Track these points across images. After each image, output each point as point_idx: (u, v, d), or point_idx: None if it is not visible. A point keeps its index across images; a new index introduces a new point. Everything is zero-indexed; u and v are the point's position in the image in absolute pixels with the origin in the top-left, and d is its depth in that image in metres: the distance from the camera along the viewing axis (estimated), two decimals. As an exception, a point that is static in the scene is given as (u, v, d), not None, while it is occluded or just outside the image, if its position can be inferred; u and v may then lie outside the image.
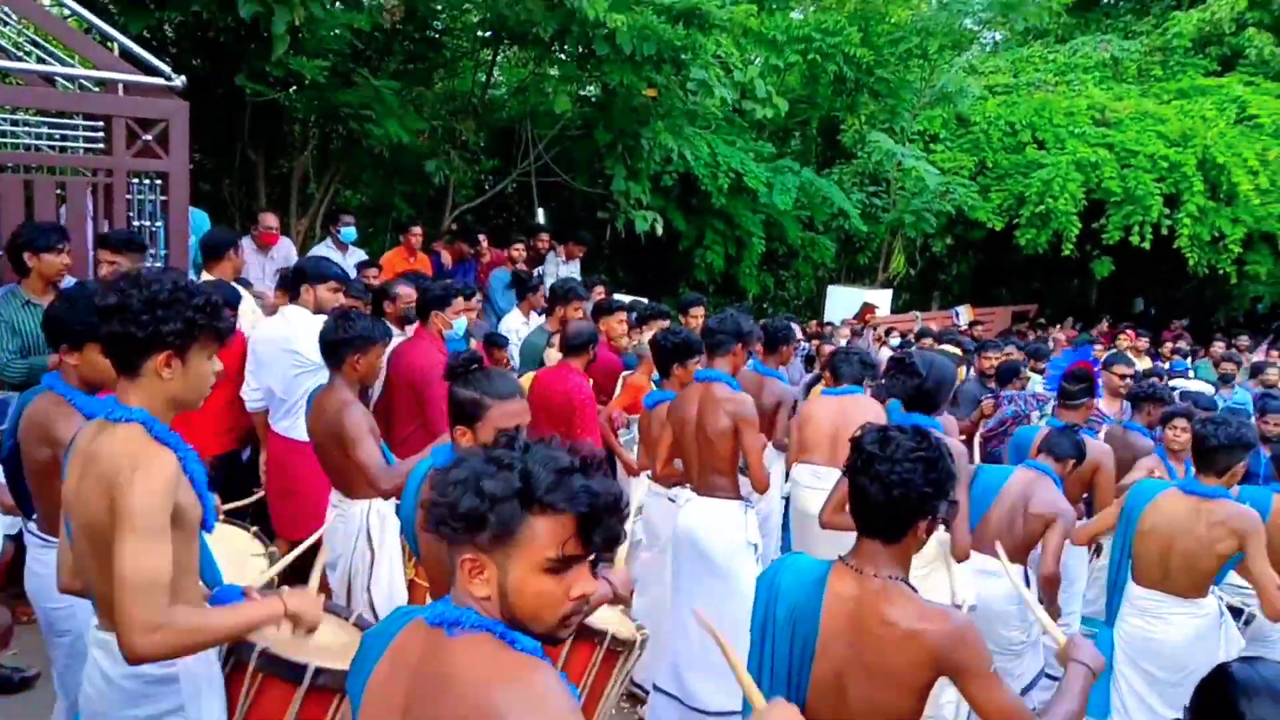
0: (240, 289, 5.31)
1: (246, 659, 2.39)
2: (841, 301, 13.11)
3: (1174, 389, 7.09)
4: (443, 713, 1.48)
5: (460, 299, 5.42)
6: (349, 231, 7.85)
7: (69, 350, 2.85)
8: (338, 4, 8.98)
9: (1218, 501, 3.59)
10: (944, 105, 14.32)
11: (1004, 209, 14.06)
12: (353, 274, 7.16)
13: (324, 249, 7.87)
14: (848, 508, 2.30)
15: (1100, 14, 21.19)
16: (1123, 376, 6.09)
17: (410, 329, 5.39)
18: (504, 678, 1.46)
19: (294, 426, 4.58)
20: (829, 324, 11.12)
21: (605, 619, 3.12)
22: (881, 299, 13.23)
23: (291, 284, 5.05)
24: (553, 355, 5.86)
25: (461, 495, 1.47)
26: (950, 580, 3.82)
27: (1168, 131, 14.01)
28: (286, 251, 7.72)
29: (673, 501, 4.54)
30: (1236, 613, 3.96)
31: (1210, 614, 3.70)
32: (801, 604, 2.23)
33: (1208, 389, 8.02)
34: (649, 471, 4.69)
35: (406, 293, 5.60)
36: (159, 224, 5.49)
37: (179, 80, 5.52)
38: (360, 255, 7.97)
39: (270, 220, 7.44)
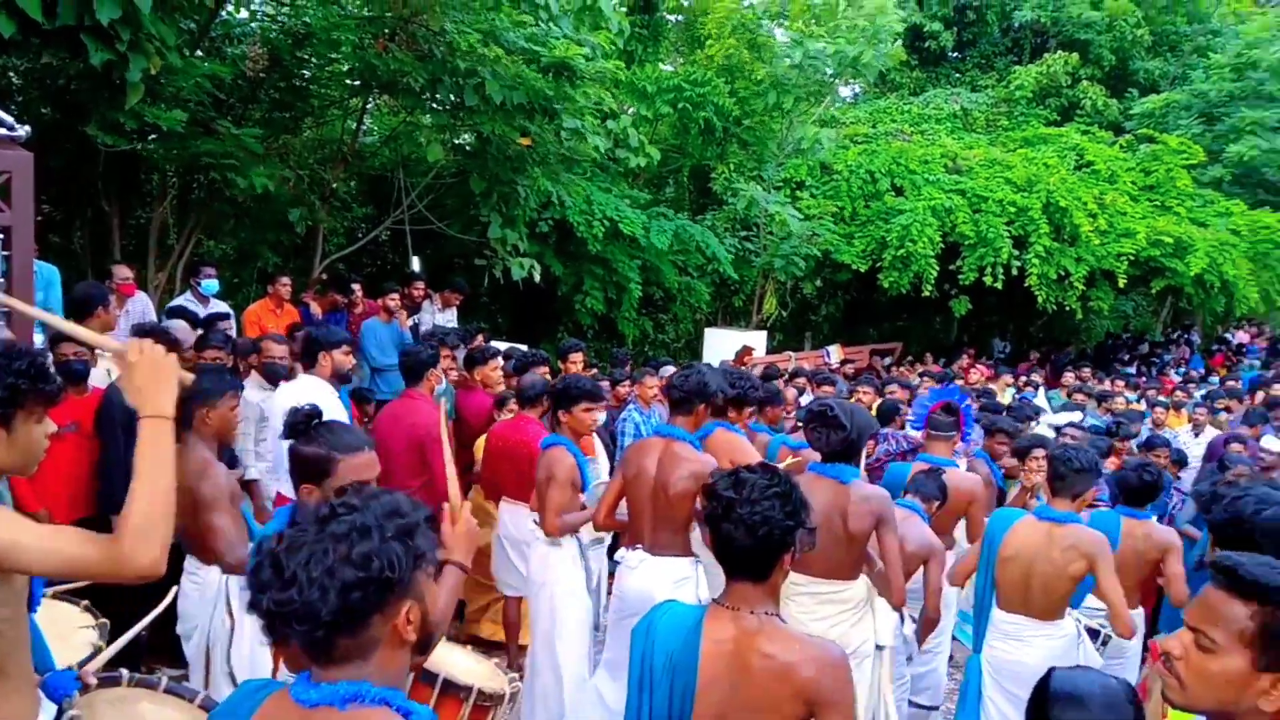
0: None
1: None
2: (719, 343, 13.37)
3: (1044, 424, 7.48)
4: None
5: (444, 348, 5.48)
6: (210, 284, 7.57)
7: None
8: (198, 52, 8.74)
9: (1069, 526, 3.79)
10: (805, 156, 14.92)
11: (867, 252, 14.68)
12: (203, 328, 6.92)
13: (184, 302, 7.56)
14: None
15: (949, 68, 22.58)
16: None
17: (286, 384, 5.24)
18: None
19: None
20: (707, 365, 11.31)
21: (474, 672, 3.06)
22: (757, 340, 13.55)
23: (305, 352, 5.02)
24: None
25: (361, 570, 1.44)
26: (874, 622, 3.86)
27: (1014, 178, 14.95)
28: (143, 305, 7.38)
29: (559, 545, 4.49)
30: (1094, 634, 4.17)
31: (1068, 635, 3.88)
32: (678, 650, 2.24)
33: (1074, 416, 8.50)
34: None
35: (270, 348, 5.44)
36: (0, 281, 5.17)
37: (23, 130, 5.23)
38: (223, 307, 7.68)
39: (124, 272, 7.11)
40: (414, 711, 1.50)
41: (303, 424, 2.64)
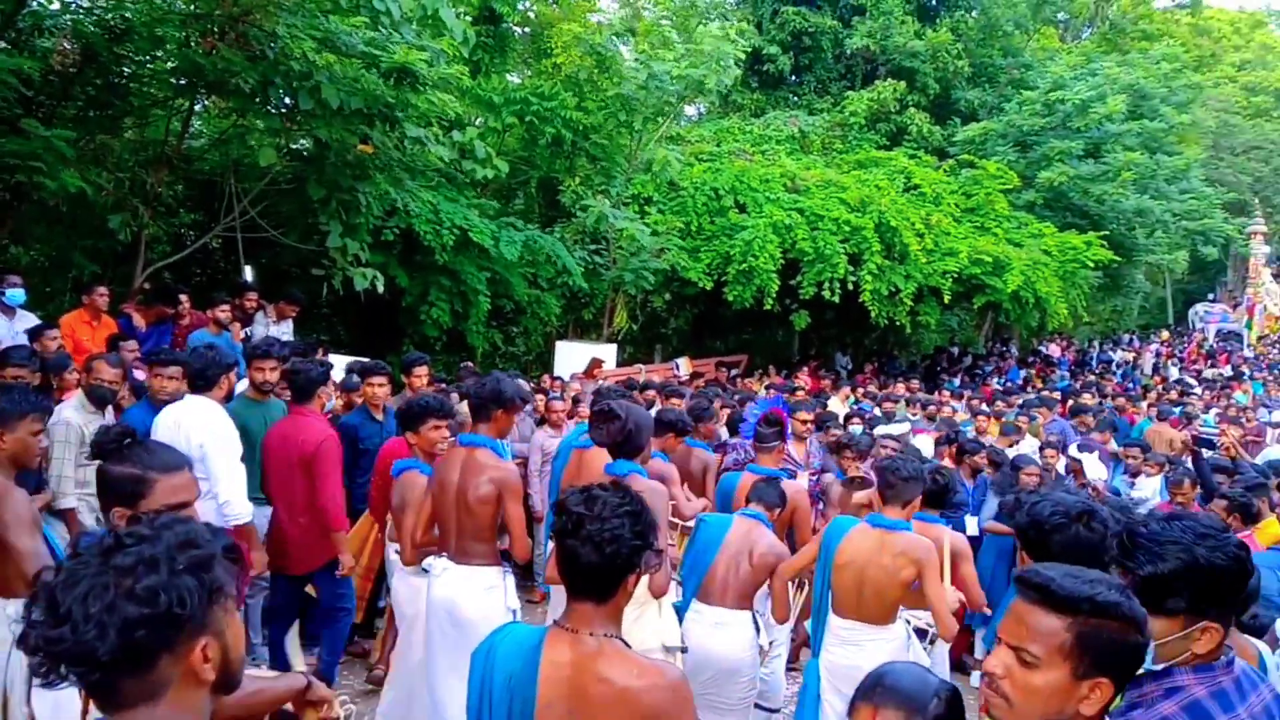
0: None
1: None
2: (570, 356, 13.35)
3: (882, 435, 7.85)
4: None
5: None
6: (16, 294, 6.99)
7: None
8: (2, 44, 8.07)
9: (898, 533, 3.96)
10: (653, 171, 15.16)
11: (713, 267, 15.02)
12: (22, 340, 6.38)
13: (-15, 313, 6.95)
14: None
15: (787, 91, 23.45)
16: (804, 422, 6.79)
17: (109, 411, 4.91)
18: None
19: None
20: (558, 378, 11.27)
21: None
22: (607, 353, 13.62)
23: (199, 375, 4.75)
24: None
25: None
26: (660, 621, 3.95)
27: (849, 198, 15.64)
28: (-64, 317, 6.75)
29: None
30: (922, 634, 4.36)
31: (899, 639, 4.05)
32: (518, 672, 2.19)
33: (904, 428, 8.94)
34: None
35: (106, 372, 5.07)
36: None
37: None
38: (31, 319, 7.11)
39: (-86, 281, 6.49)
40: None
41: (113, 443, 2.45)
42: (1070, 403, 13.18)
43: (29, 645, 1.32)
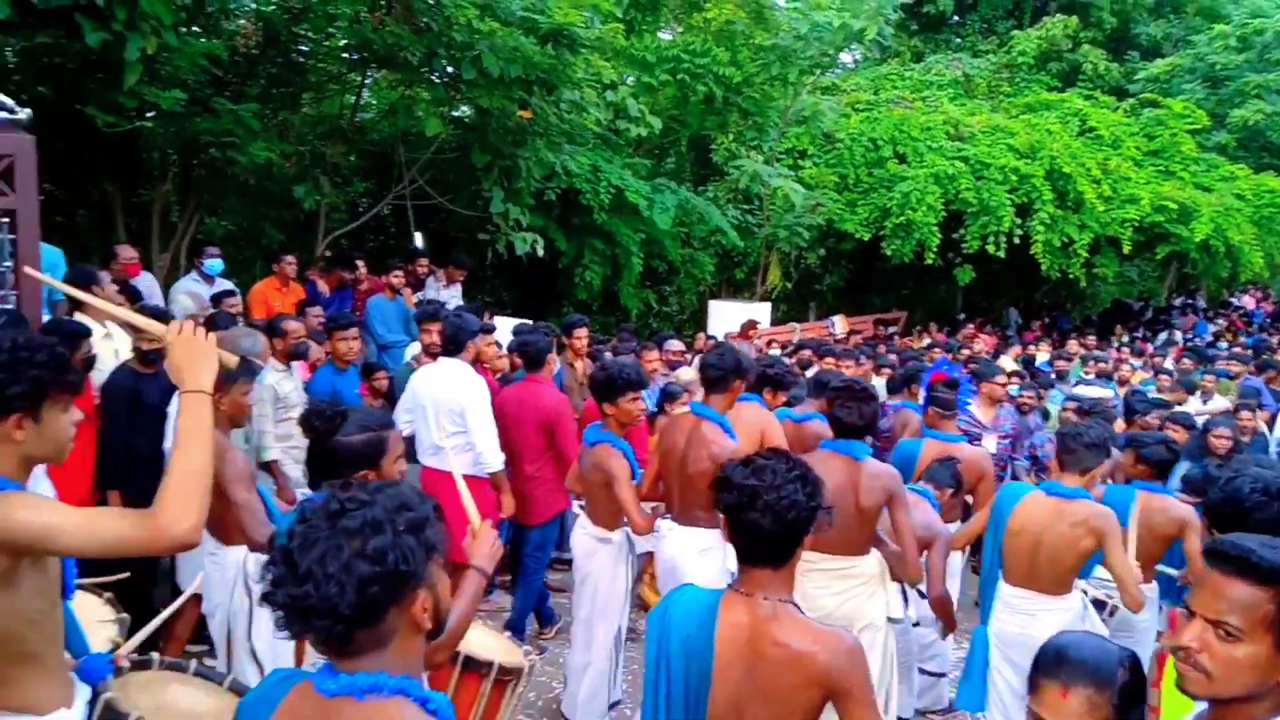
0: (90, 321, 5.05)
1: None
2: (723, 315, 13.36)
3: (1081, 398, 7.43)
4: None
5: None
6: (214, 264, 7.56)
7: None
8: (195, 29, 8.66)
9: (1078, 501, 3.81)
10: (809, 123, 14.82)
11: (870, 221, 14.62)
12: (211, 306, 6.93)
13: (189, 282, 7.56)
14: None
15: (950, 33, 22.34)
16: (1002, 384, 6.54)
17: (298, 365, 5.28)
18: None
19: (441, 462, 5.02)
20: (712, 337, 11.31)
21: (491, 648, 3.11)
22: (761, 312, 13.55)
23: (451, 340, 5.24)
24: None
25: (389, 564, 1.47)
26: (887, 595, 3.98)
27: (1017, 144, 14.85)
28: (149, 285, 7.38)
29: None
30: (1100, 605, 4.20)
31: (1074, 609, 3.91)
32: (694, 634, 2.26)
33: (1106, 393, 8.47)
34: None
35: (295, 327, 5.47)
36: (7, 264, 5.17)
37: (24, 114, 5.22)
38: (228, 286, 7.68)
39: (129, 252, 7.12)
40: (430, 699, 1.54)
41: (331, 418, 2.68)
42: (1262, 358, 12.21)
43: (276, 603, 1.47)
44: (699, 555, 4.18)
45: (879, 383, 8.15)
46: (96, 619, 3.05)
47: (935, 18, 21.66)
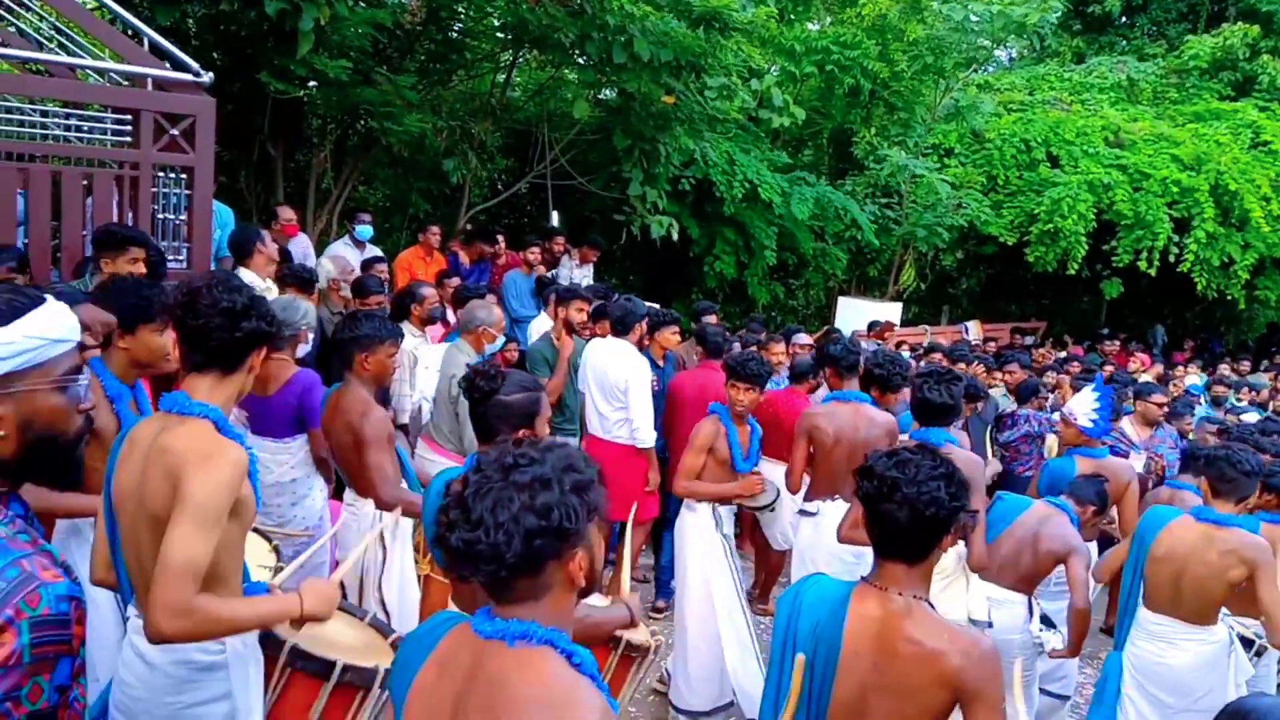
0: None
1: (276, 654, 2.43)
2: (852, 312, 13.12)
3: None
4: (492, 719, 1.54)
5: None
6: (365, 229, 7.90)
7: (121, 334, 2.94)
8: (361, 2, 9.04)
9: (1230, 530, 3.61)
10: (958, 120, 14.35)
11: (1015, 225, 14.07)
12: (360, 271, 7.23)
13: (341, 246, 7.93)
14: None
15: (1115, 35, 21.24)
16: (1160, 405, 6.32)
17: (432, 330, 5.48)
18: (560, 701, 1.52)
19: (604, 432, 5.70)
20: (838, 332, 11.15)
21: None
22: (891, 311, 13.24)
23: (618, 322, 5.74)
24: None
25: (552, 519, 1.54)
26: (967, 594, 3.90)
27: (1181, 155, 14.02)
28: (304, 247, 7.77)
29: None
30: (1248, 644, 3.98)
31: (1220, 641, 3.72)
32: (824, 622, 2.25)
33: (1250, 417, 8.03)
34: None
35: (432, 295, 5.68)
36: (183, 218, 5.54)
37: (207, 77, 5.57)
38: (376, 252, 8.01)
39: (288, 213, 7.50)
40: (576, 653, 1.59)
41: (491, 379, 2.83)
42: None
43: (448, 545, 1.56)
44: None
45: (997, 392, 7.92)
46: (259, 563, 3.26)
47: (1100, 17, 20.57)
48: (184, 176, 5.53)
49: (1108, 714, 3.86)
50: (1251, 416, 8.02)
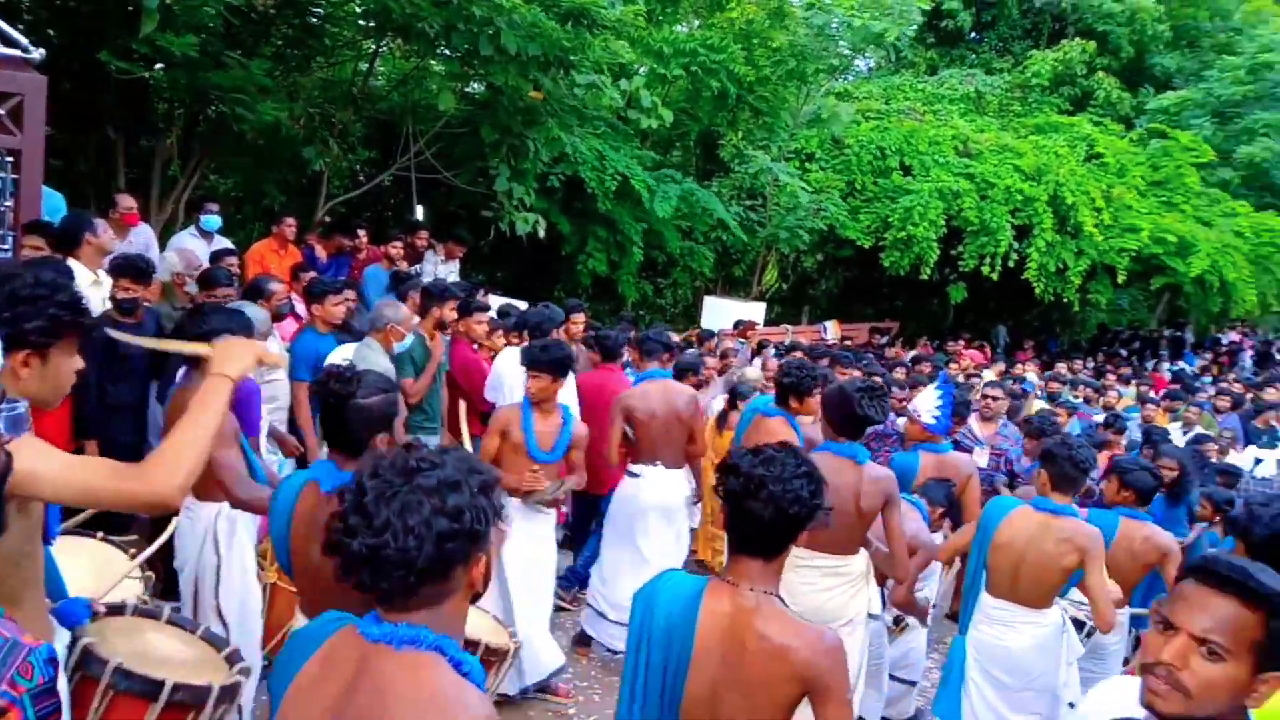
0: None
1: (97, 675, 2.26)
2: (718, 312, 13.35)
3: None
4: None
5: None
6: (212, 220, 7.52)
7: None
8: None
9: (1065, 519, 3.83)
10: (819, 127, 14.80)
11: (871, 230, 14.62)
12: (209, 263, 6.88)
13: (186, 237, 7.52)
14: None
15: (965, 49, 22.33)
16: (995, 399, 6.65)
17: (281, 325, 5.24)
18: (444, 707, 1.49)
19: None
20: (706, 331, 11.31)
21: (478, 627, 3.10)
22: (756, 311, 13.54)
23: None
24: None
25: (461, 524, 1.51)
26: (869, 590, 4.06)
27: (1024, 165, 14.88)
28: (146, 237, 7.32)
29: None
30: (1079, 625, 4.22)
31: (1054, 624, 3.94)
32: (677, 619, 2.25)
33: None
34: None
35: (281, 290, 5.44)
36: (8, 204, 5.13)
37: (37, 53, 5.17)
38: (225, 244, 7.63)
39: (128, 202, 7.05)
40: (464, 661, 1.56)
41: (349, 381, 2.72)
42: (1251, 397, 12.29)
43: (349, 552, 1.50)
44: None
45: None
46: (120, 572, 3.04)
47: (953, 32, 21.63)
48: (10, 160, 5.11)
49: (953, 696, 4.02)
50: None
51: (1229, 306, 16.79)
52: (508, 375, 5.84)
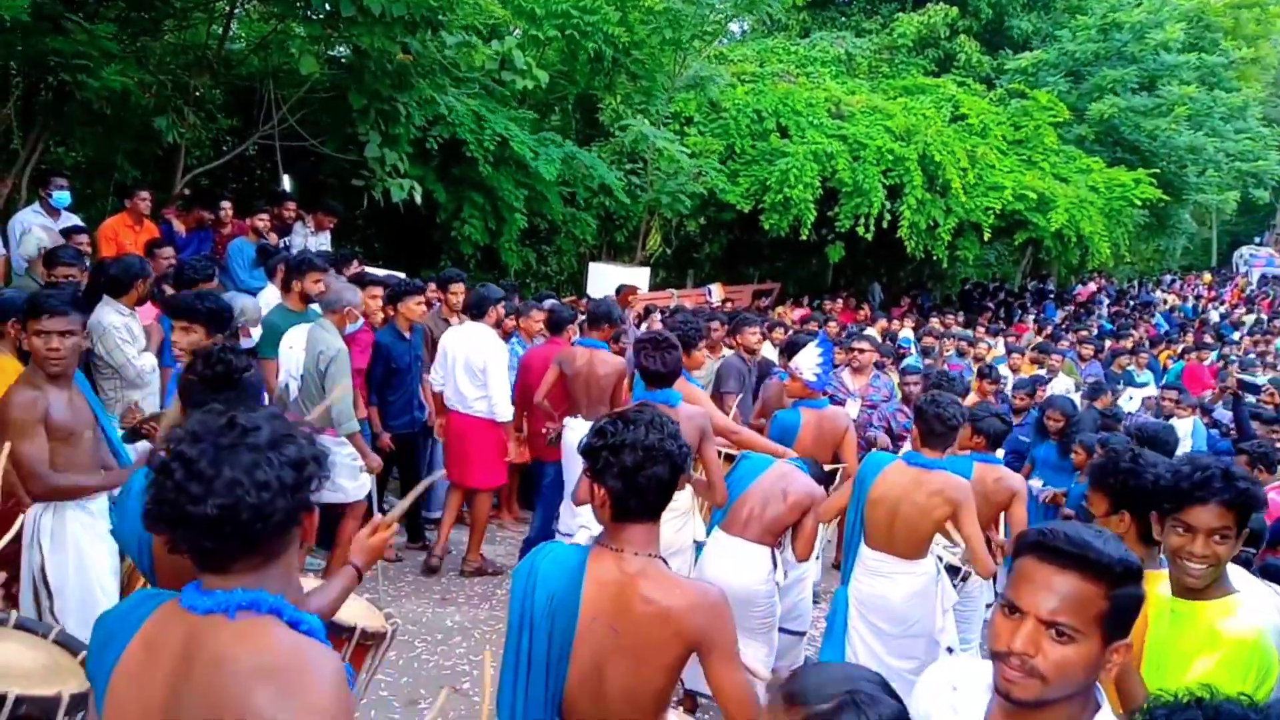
0: None
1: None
2: (602, 278, 13.29)
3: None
4: (215, 698, 1.43)
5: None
6: (62, 195, 7.04)
7: None
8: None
9: (936, 473, 3.97)
10: (696, 91, 14.82)
11: (750, 193, 14.79)
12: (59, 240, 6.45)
13: (32, 214, 7.02)
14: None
15: (836, 11, 22.72)
16: (864, 352, 6.84)
17: (142, 309, 4.98)
18: (290, 667, 1.45)
19: (465, 409, 6.17)
20: (591, 299, 11.26)
21: (354, 613, 3.02)
22: (640, 277, 13.55)
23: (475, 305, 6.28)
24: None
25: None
26: (694, 523, 4.44)
27: (893, 126, 15.27)
28: (-17, 215, 6.81)
29: None
30: (954, 571, 4.41)
31: (929, 574, 4.10)
32: (561, 592, 2.23)
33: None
34: None
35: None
36: None
37: None
38: (74, 221, 7.17)
39: (-39, 179, 6.54)
40: (302, 620, 1.51)
41: (241, 354, 2.72)
42: (1108, 344, 13.07)
43: (187, 518, 1.43)
44: None
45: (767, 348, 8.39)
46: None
47: (823, -6, 21.99)
48: None
49: (837, 644, 4.16)
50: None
51: (1086, 258, 17.71)
52: (452, 352, 6.22)
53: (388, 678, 4.72)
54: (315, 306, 5.57)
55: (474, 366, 6.07)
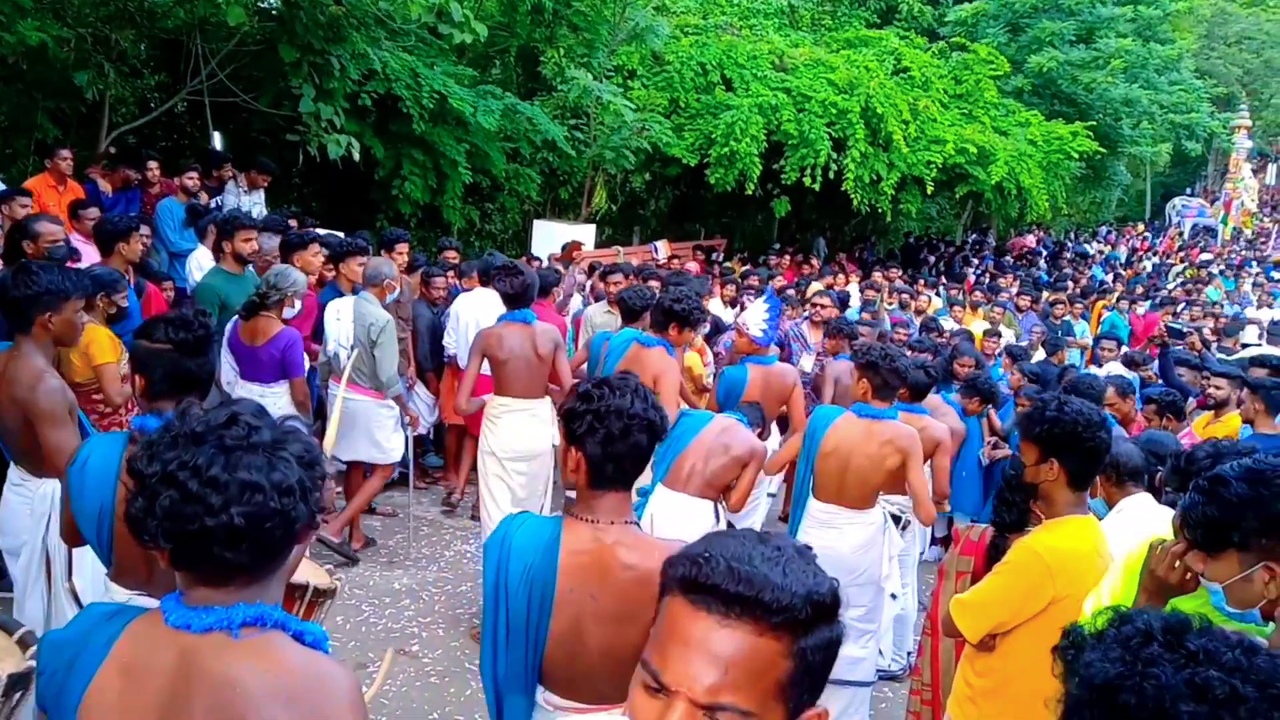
0: None
1: None
2: (547, 236, 13.15)
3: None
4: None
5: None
6: (-22, 155, 6.71)
7: None
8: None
9: (886, 423, 4.01)
10: (638, 43, 14.61)
11: (696, 147, 14.68)
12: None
13: (-55, 175, 6.69)
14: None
15: (778, -38, 22.45)
16: (825, 307, 6.97)
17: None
18: (309, 688, 1.37)
19: None
20: (535, 258, 11.13)
21: (302, 571, 3.00)
22: (586, 234, 13.43)
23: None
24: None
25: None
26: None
27: (837, 79, 15.22)
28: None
29: None
30: (896, 520, 4.48)
31: (876, 524, 4.16)
32: (537, 565, 2.22)
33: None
34: None
35: (51, 230, 4.89)
36: None
37: None
38: (-6, 183, 6.86)
39: None
40: (305, 630, 1.43)
41: (205, 321, 2.64)
42: (1046, 295, 13.32)
43: (206, 532, 1.31)
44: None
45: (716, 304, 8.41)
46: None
47: (764, -55, 21.72)
48: None
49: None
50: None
51: (1025, 211, 17.95)
52: (464, 318, 6.53)
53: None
54: (251, 269, 5.43)
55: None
